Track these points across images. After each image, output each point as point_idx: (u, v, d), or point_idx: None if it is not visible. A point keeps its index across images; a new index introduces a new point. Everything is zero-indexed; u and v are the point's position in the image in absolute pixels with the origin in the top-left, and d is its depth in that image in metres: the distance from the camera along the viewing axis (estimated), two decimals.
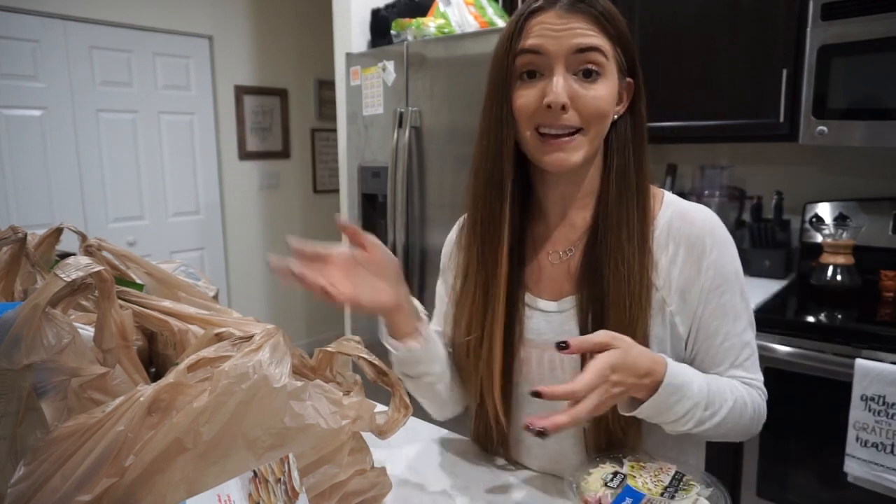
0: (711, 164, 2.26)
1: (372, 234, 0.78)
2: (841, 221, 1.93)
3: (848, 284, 1.80)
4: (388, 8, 2.53)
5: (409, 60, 2.26)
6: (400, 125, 2.29)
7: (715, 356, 0.82)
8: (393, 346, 0.83)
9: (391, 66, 2.32)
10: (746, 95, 1.89)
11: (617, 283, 0.78)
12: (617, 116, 0.81)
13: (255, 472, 0.54)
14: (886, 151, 1.93)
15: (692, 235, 0.80)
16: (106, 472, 0.53)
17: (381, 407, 0.76)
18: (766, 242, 2.08)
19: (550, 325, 0.85)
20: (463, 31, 2.26)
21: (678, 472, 0.72)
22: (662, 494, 0.68)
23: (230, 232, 3.69)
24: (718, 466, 1.10)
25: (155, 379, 0.65)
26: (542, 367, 0.86)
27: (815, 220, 2.01)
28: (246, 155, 3.68)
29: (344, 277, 0.73)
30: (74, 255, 0.73)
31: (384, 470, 0.76)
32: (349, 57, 2.49)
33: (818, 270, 1.85)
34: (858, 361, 1.46)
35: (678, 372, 0.73)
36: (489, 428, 0.92)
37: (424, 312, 0.87)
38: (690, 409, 0.74)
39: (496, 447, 0.94)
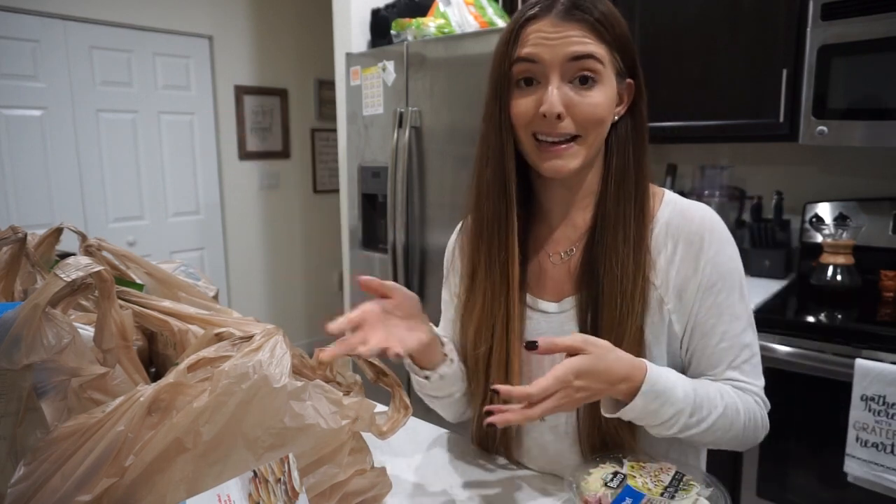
0: (711, 164, 2.26)
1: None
2: (841, 221, 1.93)
3: (848, 284, 1.80)
4: (388, 8, 2.53)
5: (409, 60, 2.26)
6: (400, 125, 2.29)
7: (711, 356, 0.80)
8: (424, 375, 0.84)
9: (391, 66, 2.32)
10: (746, 95, 1.89)
11: (610, 282, 0.78)
12: (617, 118, 0.81)
13: (255, 472, 0.54)
14: (886, 151, 1.93)
15: (690, 232, 0.80)
16: (106, 472, 0.53)
17: (381, 407, 0.76)
18: (766, 242, 2.08)
19: (550, 325, 0.85)
20: (463, 31, 2.26)
21: (678, 472, 0.72)
22: (662, 494, 0.68)
23: (230, 232, 3.69)
24: (718, 466, 1.10)
25: (155, 379, 0.65)
26: (541, 367, 0.86)
27: (815, 220, 2.01)
28: (246, 155, 3.68)
29: (383, 331, 0.74)
30: (74, 255, 0.73)
31: (384, 470, 0.76)
32: (349, 57, 2.49)
33: (818, 270, 1.85)
34: (858, 361, 1.46)
35: (659, 378, 0.72)
36: (492, 430, 0.92)
37: (444, 337, 0.88)
38: (674, 414, 0.73)
39: (497, 447, 0.94)
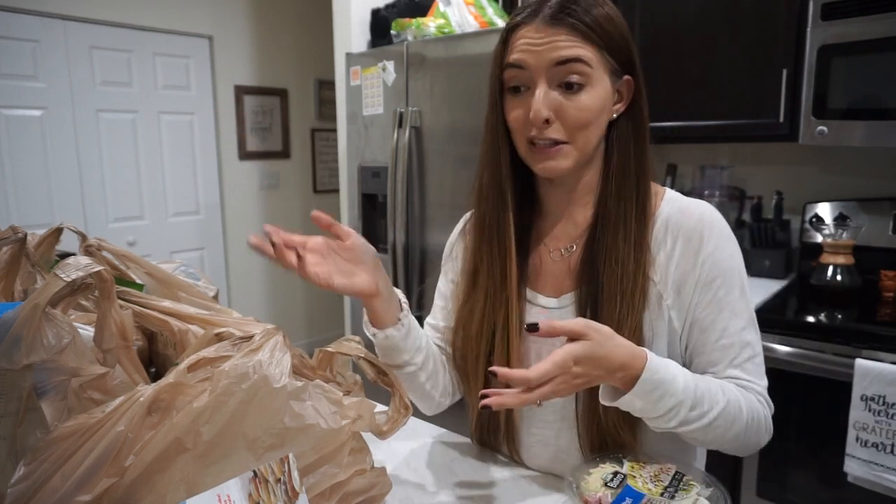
0: (711, 164, 2.26)
1: (364, 236, 0.78)
2: (841, 221, 1.93)
3: (848, 284, 1.79)
4: (388, 8, 2.53)
5: (409, 60, 2.26)
6: (400, 125, 2.29)
7: (711, 353, 0.80)
8: (371, 332, 0.83)
9: (391, 66, 2.32)
10: (746, 95, 1.89)
11: (610, 280, 0.79)
12: (616, 115, 0.81)
13: (255, 472, 0.54)
14: (886, 151, 1.93)
15: (689, 229, 0.80)
16: (106, 472, 0.53)
17: (381, 407, 0.76)
18: (766, 242, 2.08)
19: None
20: (463, 31, 2.26)
21: (678, 472, 0.72)
22: (662, 494, 0.68)
23: (230, 232, 3.69)
24: (718, 466, 1.09)
25: (155, 379, 0.65)
26: (539, 361, 0.86)
27: (815, 220, 2.01)
28: (246, 155, 3.68)
29: (322, 262, 0.74)
30: (74, 255, 0.73)
31: (384, 470, 0.76)
32: (349, 57, 2.49)
33: (818, 270, 1.85)
34: (858, 361, 1.46)
35: (659, 367, 0.71)
36: (494, 426, 0.92)
37: (406, 303, 0.86)
38: (674, 406, 0.71)
39: (497, 445, 0.94)
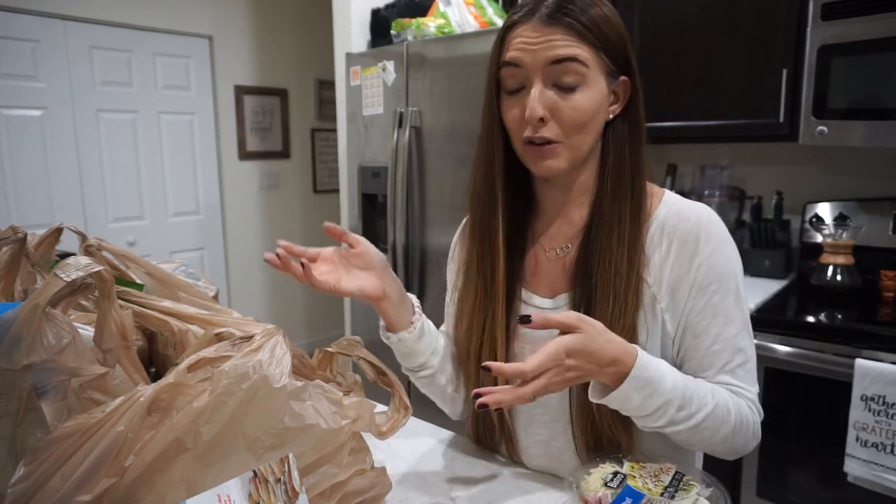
0: (711, 164, 2.26)
1: (363, 236, 0.80)
2: (841, 221, 1.93)
3: (848, 284, 1.79)
4: (388, 8, 2.53)
5: (409, 60, 2.26)
6: (400, 125, 2.29)
7: (703, 358, 0.79)
8: (385, 336, 0.87)
9: (391, 66, 2.31)
10: (746, 95, 1.89)
11: (604, 280, 0.79)
12: (612, 116, 0.81)
13: (255, 472, 0.54)
14: (886, 151, 1.93)
15: (686, 232, 0.80)
16: (106, 472, 0.53)
17: (381, 407, 0.76)
18: (766, 242, 2.08)
19: None
20: (463, 31, 2.26)
21: (678, 472, 0.72)
22: (662, 494, 0.67)
23: (230, 232, 3.69)
24: (718, 467, 1.09)
25: (155, 379, 0.65)
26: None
27: (815, 220, 2.01)
28: (246, 155, 3.68)
29: (331, 270, 0.77)
30: (74, 255, 0.73)
31: (384, 470, 0.76)
32: (349, 57, 2.49)
33: (818, 270, 1.85)
34: (858, 361, 1.46)
35: (649, 365, 0.70)
36: (488, 424, 0.92)
37: (419, 307, 0.88)
38: (661, 405, 0.71)
39: (495, 444, 0.95)
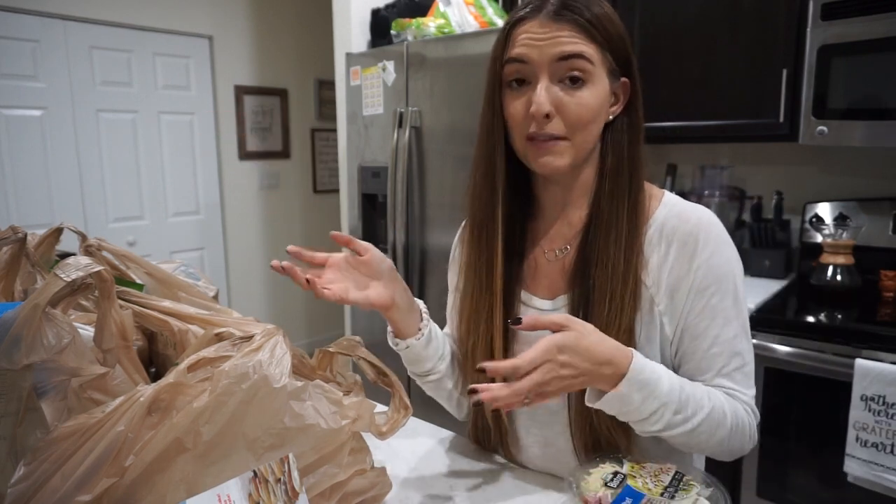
0: (711, 164, 2.26)
1: (368, 241, 0.80)
2: (841, 221, 1.93)
3: (848, 284, 1.79)
4: (388, 8, 2.53)
5: (409, 60, 2.26)
6: (400, 125, 2.29)
7: (701, 361, 0.79)
8: (393, 342, 0.87)
9: (391, 66, 2.31)
10: (746, 95, 1.89)
11: (601, 281, 0.78)
12: (612, 116, 0.81)
13: (255, 472, 0.54)
14: (886, 151, 1.93)
15: (685, 233, 0.79)
16: (106, 472, 0.53)
17: (381, 407, 0.76)
18: (766, 242, 2.08)
19: None
20: (463, 31, 2.26)
21: (678, 472, 0.72)
22: (662, 494, 0.67)
23: (230, 232, 3.69)
24: (718, 466, 1.10)
25: (155, 379, 0.65)
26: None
27: (815, 220, 2.01)
28: (246, 155, 3.68)
29: (339, 278, 0.78)
30: (74, 255, 0.73)
31: (384, 470, 0.76)
32: (349, 57, 2.49)
33: (818, 270, 1.85)
34: (858, 361, 1.46)
35: (644, 368, 0.70)
36: (486, 425, 0.92)
37: (427, 313, 0.88)
38: (658, 409, 0.71)
39: (494, 445, 0.95)
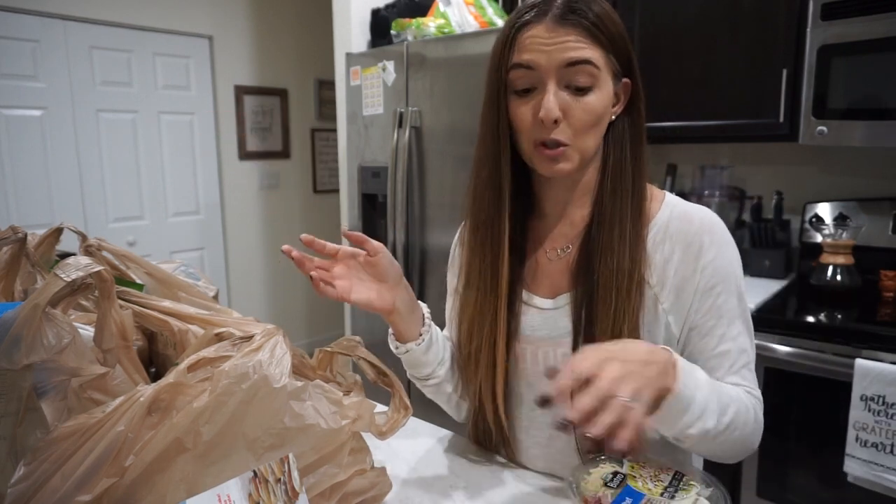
0: (711, 164, 2.26)
1: (378, 240, 0.80)
2: (841, 221, 1.93)
3: (848, 284, 1.79)
4: (388, 8, 2.53)
5: (409, 60, 2.26)
6: (400, 125, 2.29)
7: (709, 360, 0.80)
8: (394, 346, 0.87)
9: (391, 66, 2.31)
10: (746, 95, 1.89)
11: (605, 278, 0.78)
12: (614, 117, 0.82)
13: (255, 472, 0.54)
14: (886, 151, 1.93)
15: (690, 234, 0.80)
16: (106, 472, 0.53)
17: (381, 407, 0.76)
18: (766, 242, 2.08)
19: (545, 321, 0.85)
20: (463, 31, 2.26)
21: (678, 472, 0.72)
22: (662, 494, 0.67)
23: (230, 232, 3.69)
24: (718, 467, 1.09)
25: (155, 379, 0.65)
26: (536, 363, 0.86)
27: (815, 220, 2.01)
28: (246, 155, 3.68)
29: (345, 275, 0.78)
30: (74, 255, 0.73)
31: (384, 470, 0.76)
32: (349, 57, 2.49)
33: (818, 270, 1.85)
34: (858, 361, 1.46)
35: (680, 357, 0.70)
36: (487, 426, 0.92)
37: (429, 318, 0.88)
38: (707, 401, 0.71)
39: (495, 446, 0.94)
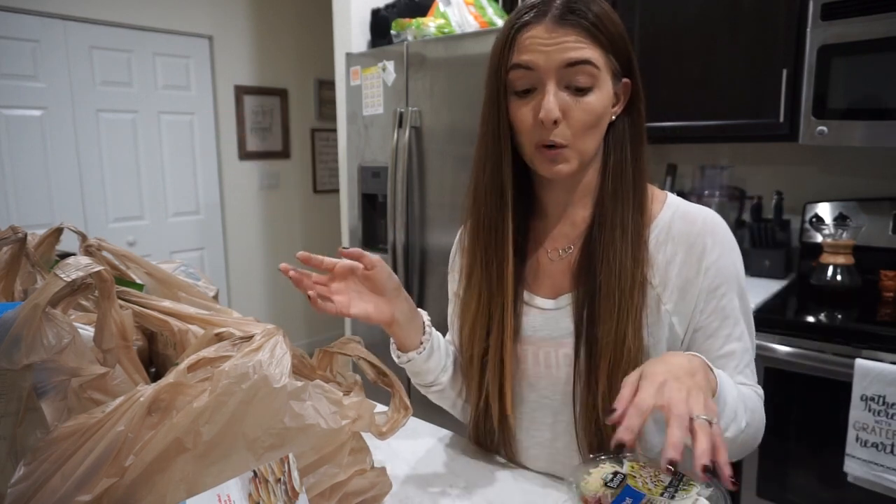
0: (711, 164, 2.26)
1: (368, 241, 0.80)
2: (841, 221, 1.93)
3: (848, 284, 1.79)
4: (388, 8, 2.53)
5: (409, 60, 2.26)
6: (400, 125, 2.29)
7: (715, 360, 0.79)
8: (395, 355, 0.88)
9: (391, 66, 2.31)
10: (746, 95, 1.89)
11: (608, 278, 0.78)
12: (614, 117, 0.82)
13: (255, 472, 0.54)
14: (886, 151, 1.93)
15: (692, 235, 0.80)
16: (106, 472, 0.53)
17: (381, 407, 0.76)
18: (766, 242, 2.08)
19: (546, 321, 0.85)
20: (463, 31, 2.26)
21: (678, 472, 0.72)
22: (662, 494, 0.67)
23: (230, 232, 3.69)
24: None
25: (155, 379, 0.65)
26: (537, 363, 0.86)
27: (815, 220, 2.01)
28: (246, 155, 3.68)
29: (343, 290, 0.78)
30: (74, 255, 0.73)
31: (384, 470, 0.76)
32: (349, 57, 2.49)
33: (818, 270, 1.85)
34: (858, 361, 1.46)
35: (718, 371, 0.71)
36: (489, 428, 0.92)
37: (430, 326, 0.88)
38: (738, 402, 0.72)
39: (496, 446, 0.94)
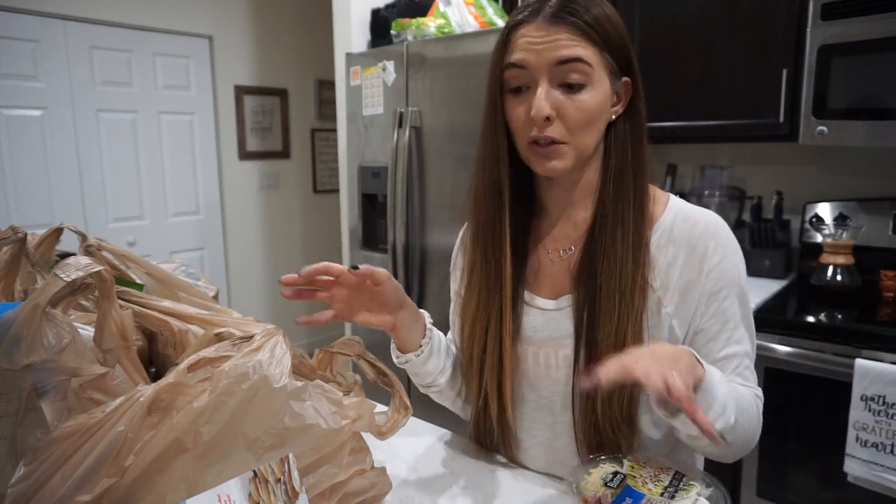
0: (711, 164, 2.26)
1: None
2: (841, 221, 1.93)
3: (848, 284, 1.79)
4: (388, 8, 2.53)
5: (409, 60, 2.26)
6: (400, 125, 2.29)
7: (714, 363, 0.80)
8: (395, 356, 0.90)
9: (391, 66, 2.31)
10: (746, 95, 1.89)
11: (608, 279, 0.78)
12: (615, 116, 0.81)
13: (255, 472, 0.54)
14: (886, 151, 1.93)
15: (694, 237, 0.80)
16: (106, 472, 0.53)
17: (381, 407, 0.76)
18: (766, 242, 2.08)
19: (547, 322, 0.85)
20: (463, 31, 2.26)
21: (678, 472, 0.72)
22: (662, 494, 0.67)
23: (230, 232, 3.69)
24: (718, 466, 1.09)
25: (155, 379, 0.65)
26: (537, 364, 0.86)
27: (815, 220, 2.01)
28: (246, 155, 3.68)
29: (344, 297, 0.80)
30: (74, 255, 0.73)
31: (384, 470, 0.76)
32: (349, 57, 2.49)
33: (818, 270, 1.85)
34: (858, 361, 1.46)
35: (707, 365, 0.71)
36: (489, 427, 0.92)
37: (430, 329, 0.89)
38: (728, 394, 0.72)
39: (496, 445, 0.95)
